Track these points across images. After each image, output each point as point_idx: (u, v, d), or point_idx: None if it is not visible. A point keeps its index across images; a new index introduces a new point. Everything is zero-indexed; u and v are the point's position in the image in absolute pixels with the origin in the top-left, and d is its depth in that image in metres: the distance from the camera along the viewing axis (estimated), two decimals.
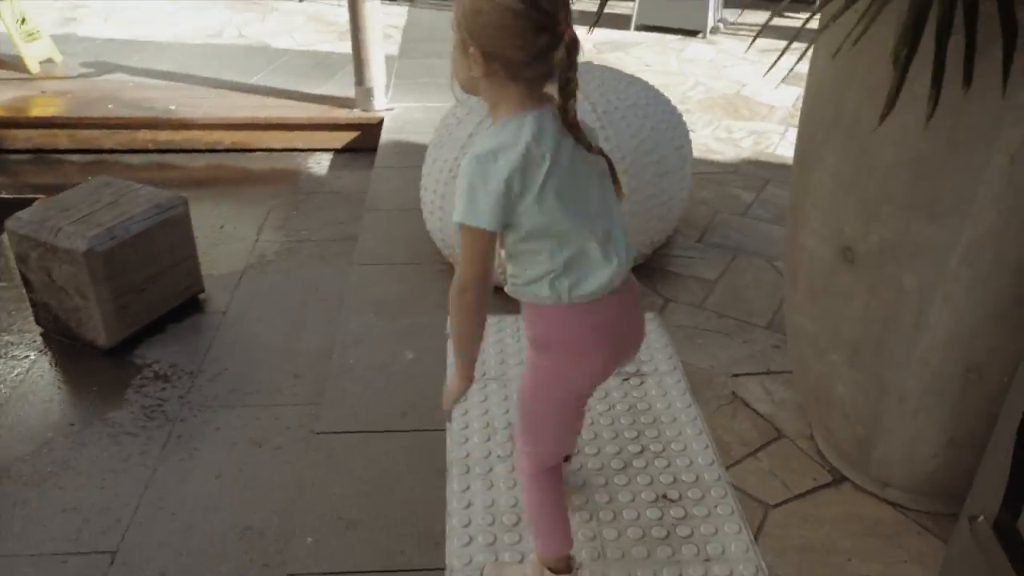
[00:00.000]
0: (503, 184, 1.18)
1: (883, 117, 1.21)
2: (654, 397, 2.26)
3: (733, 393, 2.30)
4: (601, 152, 1.26)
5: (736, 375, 2.37)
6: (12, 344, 2.73)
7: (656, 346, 2.47)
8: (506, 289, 1.37)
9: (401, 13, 6.37)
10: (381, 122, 4.22)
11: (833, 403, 1.88)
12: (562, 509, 1.57)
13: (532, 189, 1.20)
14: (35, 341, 2.74)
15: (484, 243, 1.22)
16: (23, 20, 4.97)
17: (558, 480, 1.55)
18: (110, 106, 4.36)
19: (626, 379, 2.31)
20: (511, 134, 1.20)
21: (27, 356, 2.66)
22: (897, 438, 1.76)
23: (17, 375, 2.56)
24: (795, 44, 1.26)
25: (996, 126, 1.37)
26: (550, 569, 1.56)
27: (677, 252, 3.00)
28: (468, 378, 1.39)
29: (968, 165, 1.43)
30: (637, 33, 5.88)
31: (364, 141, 4.27)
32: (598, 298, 1.31)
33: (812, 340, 1.88)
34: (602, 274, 1.30)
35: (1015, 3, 1.09)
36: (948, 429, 1.69)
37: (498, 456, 2.03)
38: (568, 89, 1.18)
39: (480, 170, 1.19)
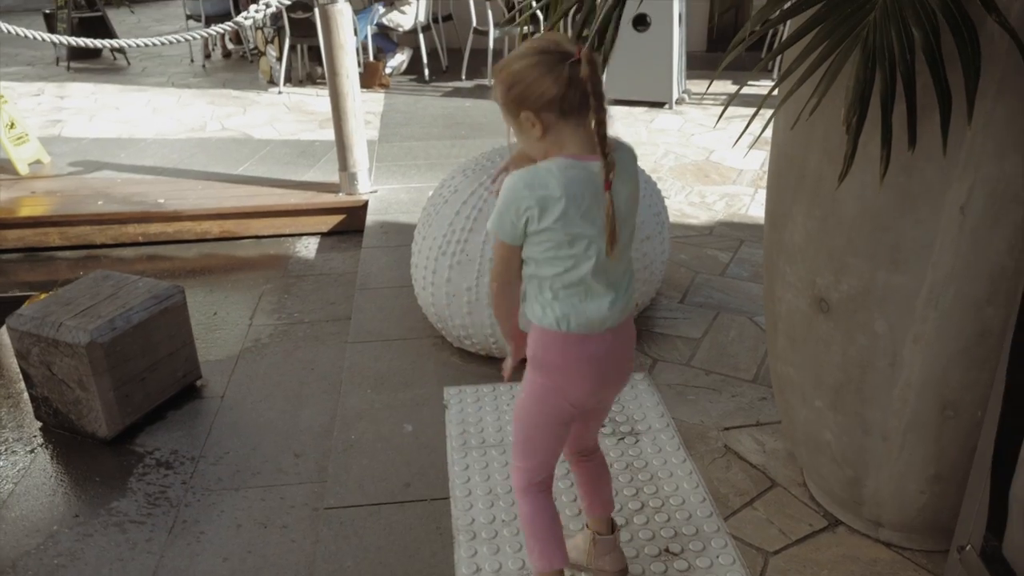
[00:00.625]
0: (522, 211, 1.39)
1: (842, 177, 1.33)
2: (650, 454, 2.32)
3: (725, 446, 2.37)
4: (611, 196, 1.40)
5: (727, 428, 2.45)
6: (13, 440, 2.75)
7: (648, 405, 2.54)
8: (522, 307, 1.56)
9: (378, 100, 6.62)
10: (366, 204, 4.36)
11: (821, 448, 1.96)
12: (554, 525, 1.67)
13: (545, 224, 1.39)
14: (35, 436, 2.76)
15: (506, 251, 1.47)
16: (12, 124, 5.12)
17: (548, 496, 1.67)
18: (100, 202, 4.47)
19: (621, 438, 2.38)
20: (543, 173, 1.39)
21: (29, 451, 2.68)
22: (885, 477, 1.84)
23: (19, 470, 2.58)
24: (760, 111, 1.40)
25: (945, 180, 1.51)
26: None
27: (662, 313, 3.11)
28: (518, 350, 1.61)
29: (924, 216, 1.56)
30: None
31: (350, 223, 4.41)
32: (593, 332, 1.48)
33: (796, 388, 1.97)
34: (600, 311, 1.47)
35: (947, 74, 1.24)
36: (932, 464, 1.78)
37: (503, 520, 2.07)
38: (601, 102, 1.37)
39: (512, 193, 1.40)
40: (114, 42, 4.84)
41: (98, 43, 4.72)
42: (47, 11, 9.13)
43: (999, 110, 1.41)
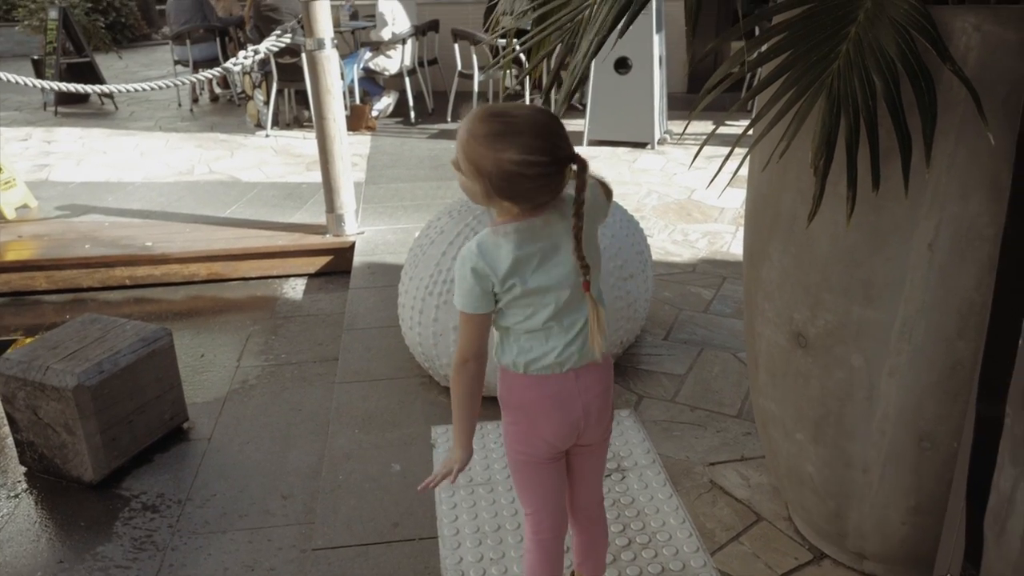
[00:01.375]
0: (475, 279, 1.41)
1: (811, 216, 1.39)
2: (636, 491, 2.34)
3: (711, 481, 2.40)
4: (583, 261, 1.41)
5: (712, 464, 2.47)
6: None
7: (634, 441, 2.57)
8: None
9: (365, 143, 6.71)
10: (353, 246, 4.40)
11: (804, 481, 1.99)
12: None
13: (506, 285, 1.41)
14: (20, 481, 2.74)
15: (478, 321, 1.45)
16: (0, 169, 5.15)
17: (553, 550, 1.66)
18: (87, 246, 4.49)
19: (608, 475, 2.40)
20: (497, 239, 1.40)
21: (13, 496, 2.66)
22: (867, 509, 1.87)
23: (3, 516, 2.56)
24: (736, 150, 1.45)
25: (913, 219, 1.57)
26: None
27: (646, 350, 3.15)
28: (467, 449, 1.57)
29: (894, 253, 1.61)
30: (590, 148, 6.26)
31: (337, 264, 4.44)
32: (553, 373, 1.49)
33: (778, 422, 2.00)
34: (556, 354, 1.48)
35: (907, 120, 1.30)
36: (912, 496, 1.81)
37: (491, 559, 2.08)
38: (580, 209, 1.37)
39: (462, 265, 1.42)
40: (102, 87, 4.91)
41: (86, 88, 4.78)
42: (35, 57, 9.23)
43: (960, 152, 1.48)
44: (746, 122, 6.27)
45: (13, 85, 4.31)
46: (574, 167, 1.37)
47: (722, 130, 6.20)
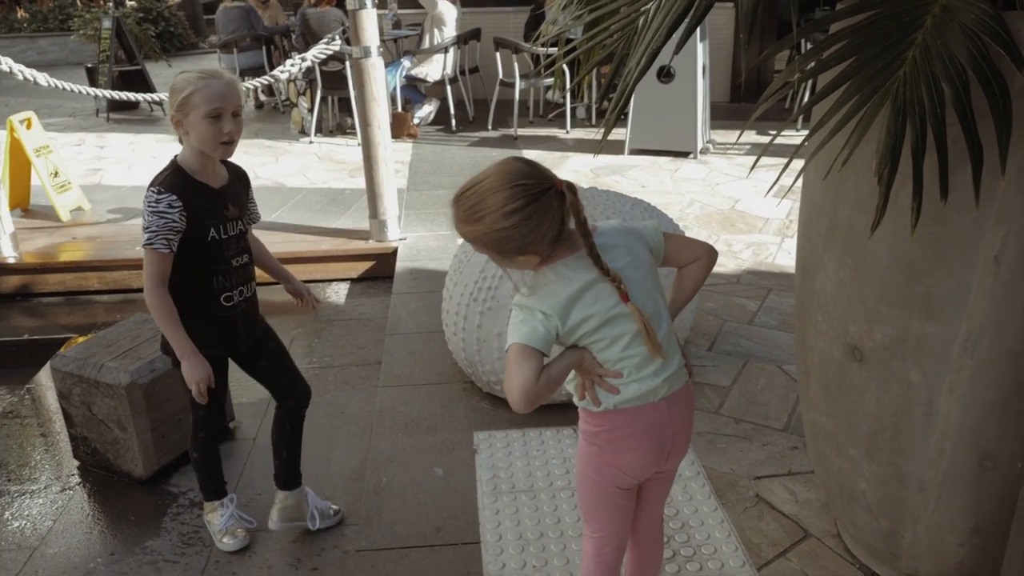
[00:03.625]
0: (542, 320, 1.37)
1: (874, 227, 1.36)
2: (680, 502, 2.31)
3: (757, 495, 2.36)
4: (611, 274, 1.39)
5: (759, 477, 2.43)
6: (52, 478, 2.80)
7: None
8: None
9: (406, 150, 6.77)
10: (395, 251, 4.43)
11: (856, 498, 1.94)
12: None
13: (567, 320, 1.39)
14: (73, 474, 2.80)
15: (524, 358, 1.36)
16: (56, 173, 5.30)
17: (614, 573, 1.64)
18: (138, 248, 4.58)
19: None
20: (542, 284, 1.41)
21: (67, 489, 2.72)
22: (922, 529, 1.82)
23: (58, 508, 2.62)
24: (783, 160, 1.43)
25: (979, 230, 1.53)
26: None
27: (691, 361, 3.11)
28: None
29: (957, 266, 1.57)
30: (632, 157, 6.24)
31: (380, 270, 4.48)
32: (642, 404, 1.45)
33: (830, 437, 1.97)
34: (644, 384, 1.44)
35: (978, 126, 1.27)
36: (971, 517, 1.76)
37: (534, 566, 2.07)
38: (585, 228, 1.37)
39: (521, 312, 1.40)
40: (153, 96, 5.02)
41: (137, 96, 4.90)
42: (89, 65, 9.50)
43: None
44: (791, 133, 6.19)
45: (67, 92, 4.43)
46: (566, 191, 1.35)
47: (765, 140, 6.14)
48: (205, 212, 2.05)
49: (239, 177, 2.22)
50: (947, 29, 1.33)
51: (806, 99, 1.54)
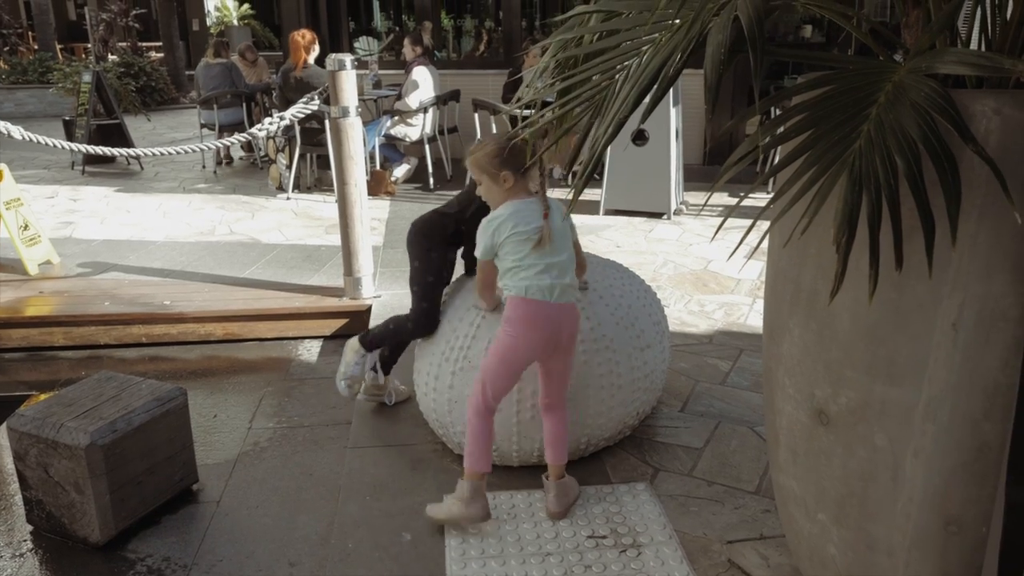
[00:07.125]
0: (492, 234, 2.37)
1: (833, 294, 1.39)
2: (652, 568, 2.28)
3: (729, 560, 2.33)
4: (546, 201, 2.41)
5: (731, 542, 2.41)
6: (3, 544, 2.69)
7: (650, 516, 2.51)
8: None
9: (384, 207, 6.81)
10: (369, 309, 4.42)
11: (827, 563, 1.93)
12: (490, 442, 2.44)
13: (509, 238, 2.34)
14: (25, 540, 2.70)
15: (486, 266, 2.46)
16: (26, 226, 5.26)
17: (491, 423, 2.43)
18: (106, 303, 4.54)
19: (623, 551, 2.35)
20: (503, 211, 2.38)
21: (18, 555, 2.62)
22: None
23: (8, 575, 2.52)
24: (755, 223, 1.46)
25: (936, 298, 1.56)
26: (472, 480, 2.39)
27: (663, 422, 3.11)
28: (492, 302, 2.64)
29: (917, 332, 1.60)
30: (607, 217, 6.33)
31: (353, 327, 4.44)
32: (543, 300, 2.32)
33: (799, 501, 1.96)
34: (547, 287, 2.33)
35: (930, 197, 1.31)
36: None
37: None
38: (544, 172, 2.43)
39: (484, 226, 2.39)
40: (130, 151, 5.04)
41: (114, 152, 4.91)
42: (67, 118, 9.51)
43: (982, 232, 1.48)
44: (762, 195, 6.32)
45: (43, 145, 4.43)
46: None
47: (736, 201, 6.25)
48: None
49: None
50: (899, 105, 1.38)
51: (776, 161, 1.59)
